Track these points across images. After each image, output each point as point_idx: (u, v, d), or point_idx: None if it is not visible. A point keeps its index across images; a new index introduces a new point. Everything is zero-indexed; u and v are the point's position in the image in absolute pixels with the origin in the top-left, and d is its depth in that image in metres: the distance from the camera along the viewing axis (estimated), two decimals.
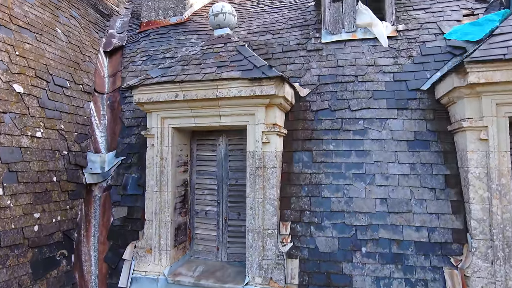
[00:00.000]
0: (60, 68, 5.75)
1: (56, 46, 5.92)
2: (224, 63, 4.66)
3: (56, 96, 5.38)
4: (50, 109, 5.17)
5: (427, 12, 5.79)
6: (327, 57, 5.58)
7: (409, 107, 4.72)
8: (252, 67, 4.41)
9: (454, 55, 4.97)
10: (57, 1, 6.85)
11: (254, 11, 7.63)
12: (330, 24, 5.89)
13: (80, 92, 5.97)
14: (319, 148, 4.76)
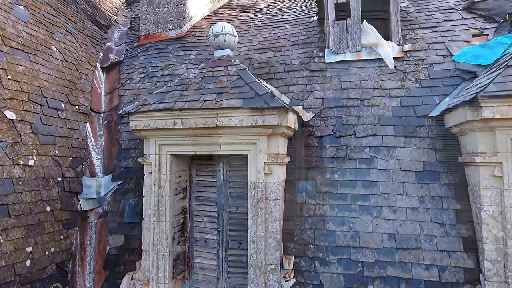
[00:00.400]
0: (55, 89, 5.55)
1: (51, 66, 5.73)
2: (224, 89, 4.47)
3: (50, 120, 5.19)
4: (44, 134, 4.98)
5: (434, 31, 5.59)
6: (331, 78, 5.39)
7: (417, 135, 4.52)
8: (253, 95, 4.21)
9: (463, 79, 4.78)
10: (53, 16, 6.65)
11: (255, 25, 7.44)
12: (334, 43, 5.70)
13: (76, 113, 5.78)
14: (324, 177, 4.57)
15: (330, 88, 5.27)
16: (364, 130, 4.74)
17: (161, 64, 6.85)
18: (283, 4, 8.84)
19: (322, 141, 4.82)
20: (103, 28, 8.53)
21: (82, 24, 7.63)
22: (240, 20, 7.92)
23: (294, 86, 5.50)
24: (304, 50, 6.03)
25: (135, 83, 6.66)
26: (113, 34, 8.78)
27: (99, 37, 7.98)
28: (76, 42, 6.87)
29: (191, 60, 6.71)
